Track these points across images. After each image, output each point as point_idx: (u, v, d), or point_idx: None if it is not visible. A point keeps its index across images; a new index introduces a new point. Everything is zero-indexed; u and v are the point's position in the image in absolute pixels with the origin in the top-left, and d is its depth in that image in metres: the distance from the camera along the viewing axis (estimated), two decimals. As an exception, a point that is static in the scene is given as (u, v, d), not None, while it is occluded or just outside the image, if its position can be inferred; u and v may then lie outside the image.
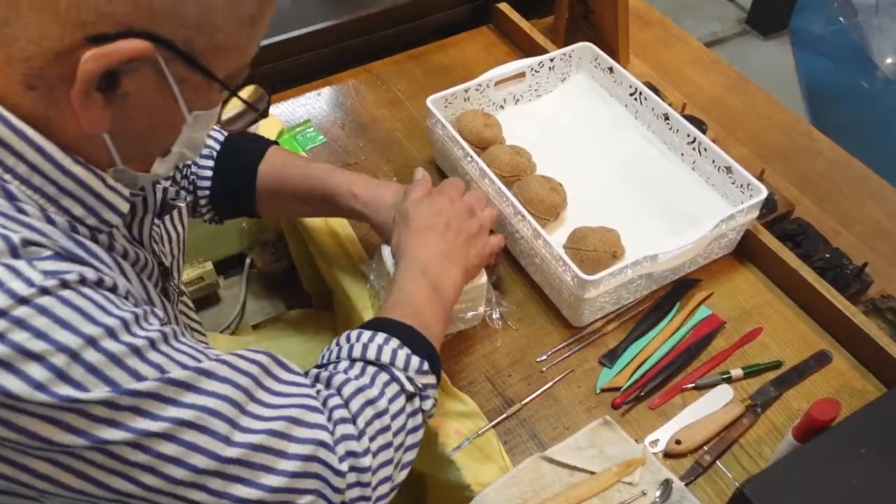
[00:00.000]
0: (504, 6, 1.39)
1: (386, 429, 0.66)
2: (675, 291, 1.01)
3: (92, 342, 0.50)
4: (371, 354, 0.69)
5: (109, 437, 0.51)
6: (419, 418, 0.71)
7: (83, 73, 0.51)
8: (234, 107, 0.63)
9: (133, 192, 0.64)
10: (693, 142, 1.08)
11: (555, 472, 0.84)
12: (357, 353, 0.70)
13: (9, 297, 0.48)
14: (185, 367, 0.55)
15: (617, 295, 0.96)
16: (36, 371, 0.49)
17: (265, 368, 0.62)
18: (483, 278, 0.89)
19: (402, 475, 0.70)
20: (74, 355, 0.50)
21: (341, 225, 1.08)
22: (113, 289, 0.55)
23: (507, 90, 1.19)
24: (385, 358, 0.69)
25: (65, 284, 0.51)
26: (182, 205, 0.76)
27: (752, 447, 0.87)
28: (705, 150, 1.06)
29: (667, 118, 1.11)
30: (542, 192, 1.02)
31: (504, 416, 0.89)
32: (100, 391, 0.50)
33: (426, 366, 0.72)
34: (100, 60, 0.51)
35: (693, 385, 0.92)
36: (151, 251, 0.71)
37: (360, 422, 0.65)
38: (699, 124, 1.21)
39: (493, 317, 0.95)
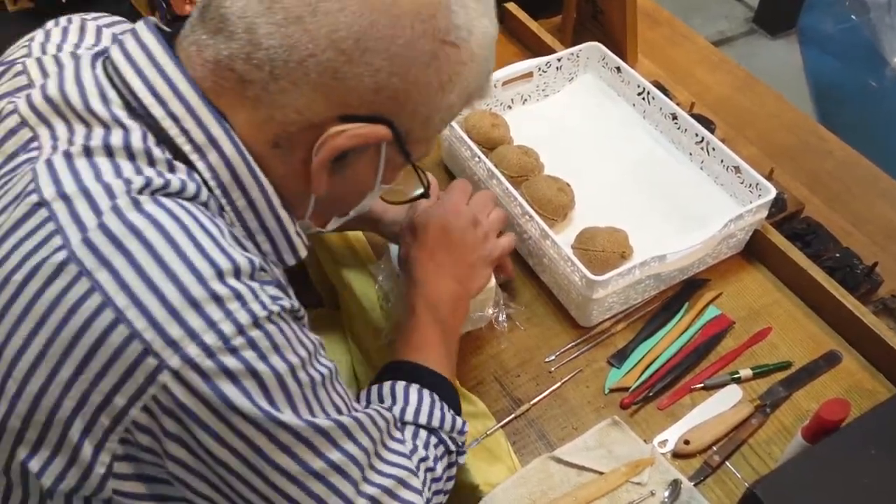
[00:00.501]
0: (512, 6, 1.39)
1: (439, 491, 0.72)
2: (683, 291, 1.01)
3: (292, 370, 0.56)
4: (423, 420, 0.72)
5: (279, 462, 0.56)
6: (454, 472, 0.76)
7: (333, 146, 0.58)
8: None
9: (308, 245, 0.69)
10: (701, 141, 1.08)
11: (563, 473, 0.84)
12: (409, 417, 0.72)
13: (249, 317, 0.54)
14: (339, 410, 0.61)
15: (625, 295, 0.96)
16: (251, 386, 0.54)
17: (388, 427, 0.66)
18: (492, 281, 0.89)
19: None
20: (280, 379, 0.55)
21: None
22: (301, 318, 0.60)
23: (514, 90, 1.19)
24: (435, 423, 0.73)
25: (282, 313, 0.56)
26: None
27: (761, 447, 0.87)
28: (714, 149, 1.06)
29: (675, 118, 1.11)
30: (550, 192, 1.02)
31: (512, 416, 0.89)
32: (289, 416, 0.56)
33: (465, 426, 0.76)
34: (352, 139, 0.58)
35: (702, 385, 0.91)
36: None
37: (426, 491, 0.69)
38: (707, 124, 1.20)
39: (501, 318, 0.95)
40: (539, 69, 1.19)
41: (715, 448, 0.86)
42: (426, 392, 0.74)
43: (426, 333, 0.80)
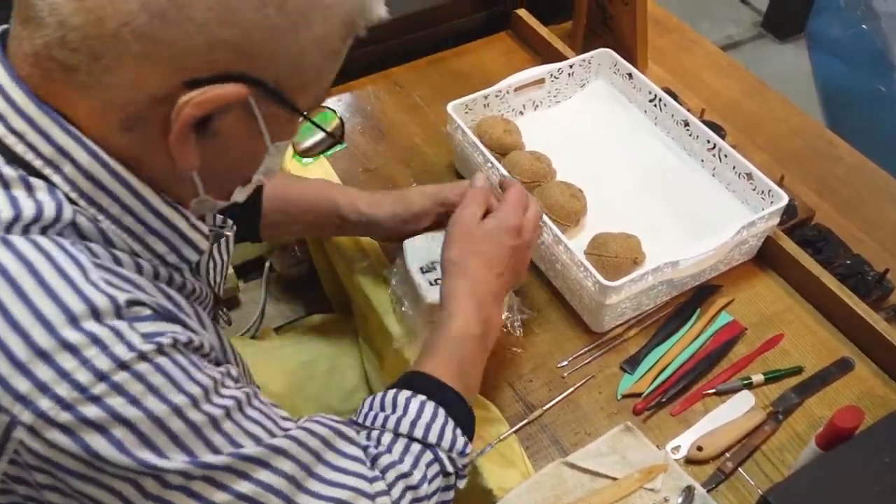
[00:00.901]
0: (522, 12, 1.39)
1: None
2: (695, 297, 1.01)
3: (177, 411, 0.52)
4: (418, 433, 0.68)
5: (175, 502, 0.53)
6: (450, 495, 0.71)
7: (183, 118, 0.52)
8: (311, 135, 0.65)
9: (212, 228, 0.66)
10: (713, 148, 1.08)
11: (577, 478, 0.84)
12: (404, 428, 0.69)
13: (111, 362, 0.50)
14: (258, 441, 0.57)
15: (638, 301, 0.96)
16: (124, 435, 0.50)
17: (328, 443, 0.63)
18: None
19: None
20: (161, 424, 0.51)
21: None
22: (198, 348, 0.56)
23: (526, 96, 1.20)
24: (432, 438, 0.69)
25: (160, 349, 0.52)
26: (230, 233, 0.78)
27: (774, 454, 0.87)
28: (725, 156, 1.06)
29: (686, 124, 1.11)
30: (563, 197, 1.02)
31: (525, 421, 0.89)
32: (178, 460, 0.52)
33: (468, 447, 0.72)
34: (200, 106, 0.52)
35: (714, 391, 0.92)
36: (207, 281, 0.73)
37: None
38: (718, 130, 1.21)
39: (515, 323, 0.96)
40: (551, 75, 1.19)
41: (728, 454, 0.86)
42: (431, 405, 0.70)
43: (454, 348, 0.76)
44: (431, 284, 0.90)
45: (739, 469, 0.86)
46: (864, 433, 0.74)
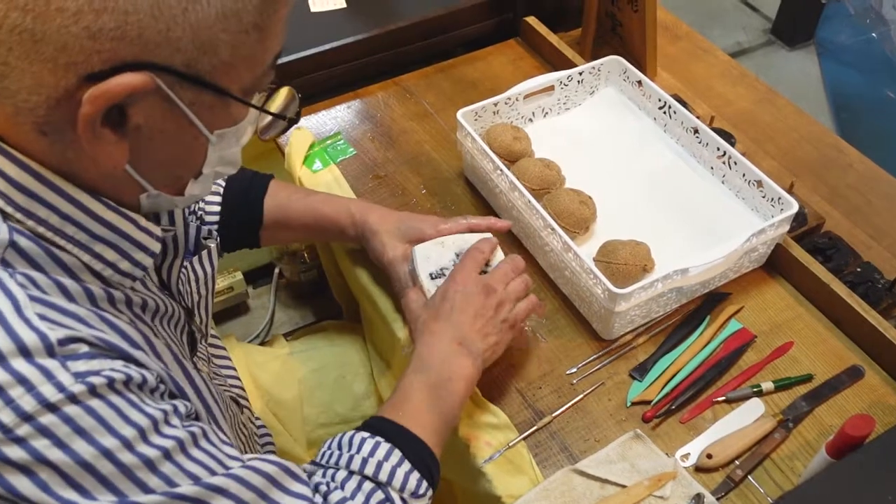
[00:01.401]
0: (532, 19, 1.40)
1: None
2: (705, 305, 1.01)
3: (107, 454, 0.51)
4: (370, 471, 0.69)
5: None
6: None
7: (83, 116, 0.50)
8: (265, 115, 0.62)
9: (165, 229, 0.64)
10: (723, 155, 1.08)
11: (586, 485, 0.84)
12: (356, 466, 0.69)
13: (37, 403, 0.48)
14: (196, 481, 0.55)
15: (647, 308, 0.96)
16: (49, 477, 0.49)
17: (274, 481, 0.61)
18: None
19: None
20: (88, 466, 0.50)
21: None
22: (141, 384, 0.54)
23: (535, 103, 1.20)
24: (383, 476, 0.69)
25: (92, 391, 0.50)
26: (212, 245, 0.77)
27: (784, 462, 0.87)
28: (735, 163, 1.06)
29: (696, 132, 1.11)
30: (572, 205, 1.03)
31: (534, 428, 0.89)
32: (106, 501, 0.50)
33: (423, 487, 0.71)
34: (95, 102, 0.50)
35: (724, 398, 0.92)
36: (178, 293, 0.72)
37: None
38: (728, 137, 1.21)
39: (527, 329, 0.96)
40: (560, 83, 1.19)
41: (738, 462, 0.86)
42: (386, 446, 0.71)
43: (409, 393, 0.78)
44: None
45: (749, 477, 0.85)
46: (874, 442, 0.73)
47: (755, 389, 0.92)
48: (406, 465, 0.71)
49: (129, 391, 0.53)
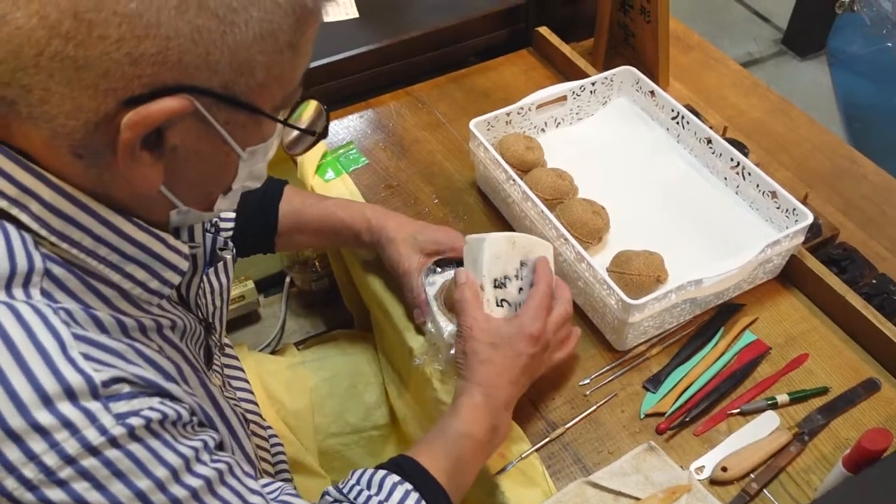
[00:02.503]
0: (544, 30, 1.40)
1: None
2: (718, 316, 1.00)
3: (141, 496, 0.52)
4: None
5: None
6: None
7: (123, 141, 0.51)
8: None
9: (191, 246, 0.64)
10: (737, 166, 1.08)
11: (599, 497, 0.83)
12: None
13: (80, 446, 0.50)
14: None
15: (660, 319, 0.96)
16: None
17: None
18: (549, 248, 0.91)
19: None
20: None
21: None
22: (175, 421, 0.55)
23: (548, 113, 1.20)
24: None
25: (131, 433, 0.51)
26: (228, 256, 0.77)
27: (800, 476, 0.86)
28: (749, 174, 1.06)
29: (709, 142, 1.11)
30: (585, 215, 1.02)
31: (547, 439, 0.89)
32: None
33: None
34: (136, 128, 0.50)
35: (738, 411, 0.91)
36: (195, 307, 0.73)
37: None
38: (741, 148, 1.20)
39: None
40: (573, 93, 1.19)
41: (753, 475, 0.85)
42: (415, 496, 0.70)
43: (454, 446, 0.77)
44: (498, 305, 0.87)
45: (765, 490, 0.85)
46: (893, 456, 0.72)
47: (770, 402, 0.91)
48: None
49: (163, 430, 0.54)
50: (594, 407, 0.92)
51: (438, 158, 1.23)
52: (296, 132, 0.64)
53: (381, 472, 0.72)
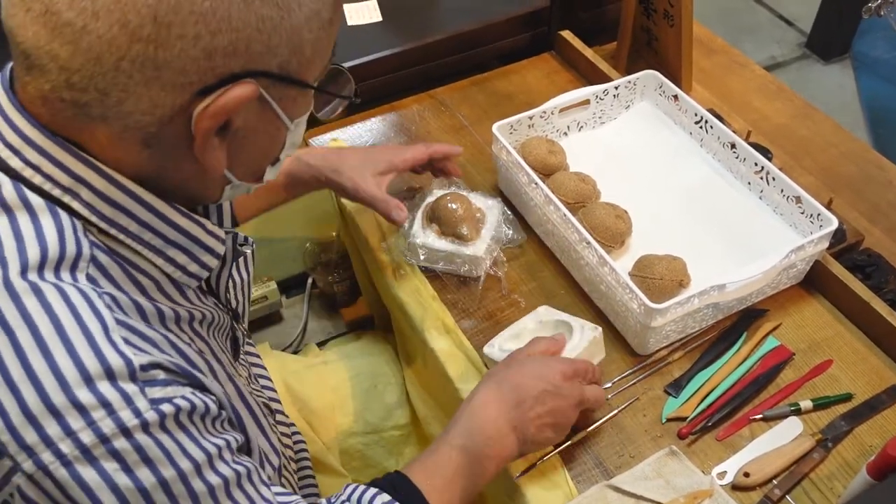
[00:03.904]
0: (567, 33, 1.40)
1: None
2: (741, 321, 1.00)
3: (164, 484, 0.54)
4: None
5: None
6: None
7: (201, 130, 0.54)
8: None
9: (227, 231, 0.67)
10: (761, 170, 1.07)
11: (621, 501, 0.84)
12: None
13: (115, 426, 0.51)
14: None
15: (683, 323, 0.96)
16: (109, 499, 0.52)
17: None
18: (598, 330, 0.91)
19: None
20: (146, 494, 0.53)
21: (399, 245, 1.10)
22: (204, 414, 0.57)
23: (571, 117, 1.20)
24: None
25: (162, 420, 0.53)
26: (248, 251, 0.79)
27: (823, 483, 0.85)
28: (773, 179, 1.06)
29: (733, 146, 1.11)
30: (608, 219, 1.02)
31: (569, 442, 0.89)
32: None
33: None
34: (216, 117, 0.54)
35: (761, 416, 0.91)
36: (225, 300, 0.75)
37: None
38: (764, 152, 1.20)
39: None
40: (596, 97, 1.20)
41: (775, 481, 0.85)
42: None
43: (445, 462, 0.75)
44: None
45: (787, 497, 0.84)
46: (918, 463, 0.72)
47: (793, 408, 0.91)
48: None
49: (191, 423, 0.56)
50: (616, 411, 0.92)
51: (461, 161, 1.23)
52: (327, 101, 0.69)
53: (372, 491, 0.71)
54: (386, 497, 0.70)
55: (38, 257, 0.53)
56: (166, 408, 0.53)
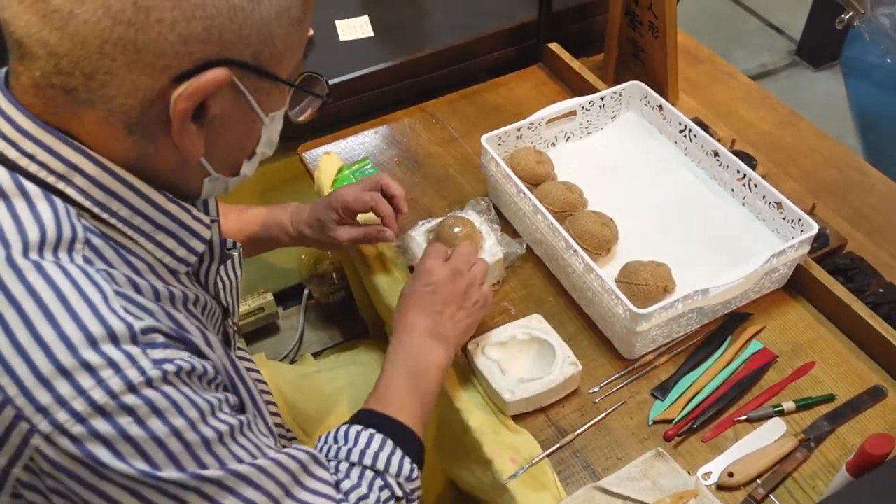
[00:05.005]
0: (555, 46, 1.43)
1: None
2: (726, 325, 1.02)
3: (176, 432, 0.57)
4: (368, 461, 0.75)
5: None
6: None
7: (178, 112, 0.57)
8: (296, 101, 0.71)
9: (213, 219, 0.70)
10: (743, 178, 1.10)
11: (608, 502, 0.85)
12: (355, 458, 0.76)
13: (123, 384, 0.55)
14: (241, 461, 0.62)
15: (668, 328, 0.98)
16: (126, 449, 0.55)
17: (304, 466, 0.68)
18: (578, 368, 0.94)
19: None
20: (160, 442, 0.56)
21: (395, 257, 1.12)
22: (202, 374, 0.61)
23: (558, 128, 1.23)
24: (380, 465, 0.76)
25: (165, 377, 0.57)
26: (236, 253, 0.83)
27: (805, 482, 0.87)
28: (755, 185, 1.08)
29: (716, 154, 1.13)
30: (594, 227, 1.05)
31: (557, 446, 0.91)
32: (172, 472, 0.57)
33: (415, 472, 0.78)
34: (191, 98, 0.57)
35: (745, 418, 0.93)
36: (216, 295, 0.78)
37: None
38: (749, 160, 1.22)
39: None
40: (582, 107, 1.22)
41: (759, 481, 0.87)
42: (378, 437, 0.77)
43: (391, 386, 0.84)
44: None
45: (771, 496, 0.86)
46: (894, 459, 0.74)
47: (777, 409, 0.93)
48: (399, 453, 0.77)
49: (191, 381, 0.59)
50: (603, 414, 0.94)
51: (451, 173, 1.26)
52: (300, 102, 0.72)
53: (344, 427, 0.79)
54: (358, 427, 0.78)
55: (37, 238, 0.56)
56: (168, 367, 0.57)
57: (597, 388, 0.97)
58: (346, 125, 1.35)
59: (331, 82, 1.29)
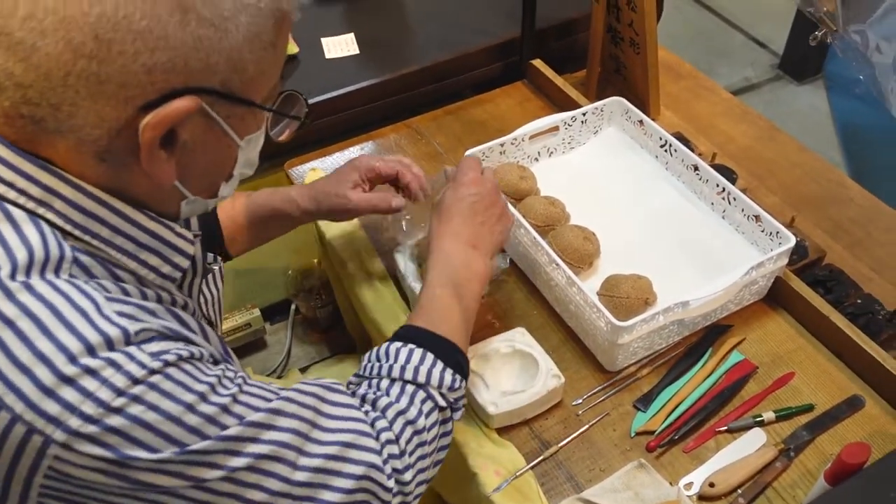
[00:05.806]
0: (538, 62, 1.45)
1: (423, 443, 0.75)
2: (707, 337, 1.04)
3: (189, 408, 0.59)
4: (409, 376, 0.77)
5: (207, 476, 0.60)
6: (449, 426, 0.80)
7: (146, 141, 0.58)
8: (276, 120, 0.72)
9: (195, 234, 0.71)
10: (723, 191, 1.11)
11: (591, 514, 0.86)
12: (396, 373, 0.77)
13: (126, 379, 0.56)
14: (258, 409, 0.63)
15: (650, 340, 0.99)
16: (147, 436, 0.57)
17: (322, 398, 0.69)
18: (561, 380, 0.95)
19: (435, 471, 0.79)
20: (177, 420, 0.58)
21: (380, 272, 1.13)
22: (200, 357, 0.62)
23: (541, 143, 1.24)
24: (422, 379, 0.77)
25: (166, 364, 0.58)
26: (216, 268, 0.84)
27: (786, 491, 0.89)
28: (734, 199, 1.10)
29: (696, 169, 1.15)
30: (576, 241, 1.06)
31: (541, 458, 0.92)
32: (198, 444, 0.59)
33: (458, 382, 0.79)
34: (156, 128, 0.57)
35: (726, 428, 0.94)
36: (200, 309, 0.78)
37: (402, 442, 0.73)
38: (729, 174, 1.24)
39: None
40: (565, 123, 1.24)
41: (740, 491, 0.88)
42: (419, 351, 0.78)
43: (433, 299, 0.85)
44: None
45: (751, 505, 0.87)
46: (870, 468, 0.75)
47: (757, 419, 0.94)
48: (440, 365, 0.78)
49: (191, 364, 0.61)
50: (586, 426, 0.95)
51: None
52: (280, 122, 0.74)
53: (385, 344, 0.80)
54: (398, 343, 0.79)
55: (26, 260, 0.57)
56: (168, 356, 0.58)
57: (580, 401, 0.98)
58: (333, 142, 1.36)
59: (317, 100, 1.34)
